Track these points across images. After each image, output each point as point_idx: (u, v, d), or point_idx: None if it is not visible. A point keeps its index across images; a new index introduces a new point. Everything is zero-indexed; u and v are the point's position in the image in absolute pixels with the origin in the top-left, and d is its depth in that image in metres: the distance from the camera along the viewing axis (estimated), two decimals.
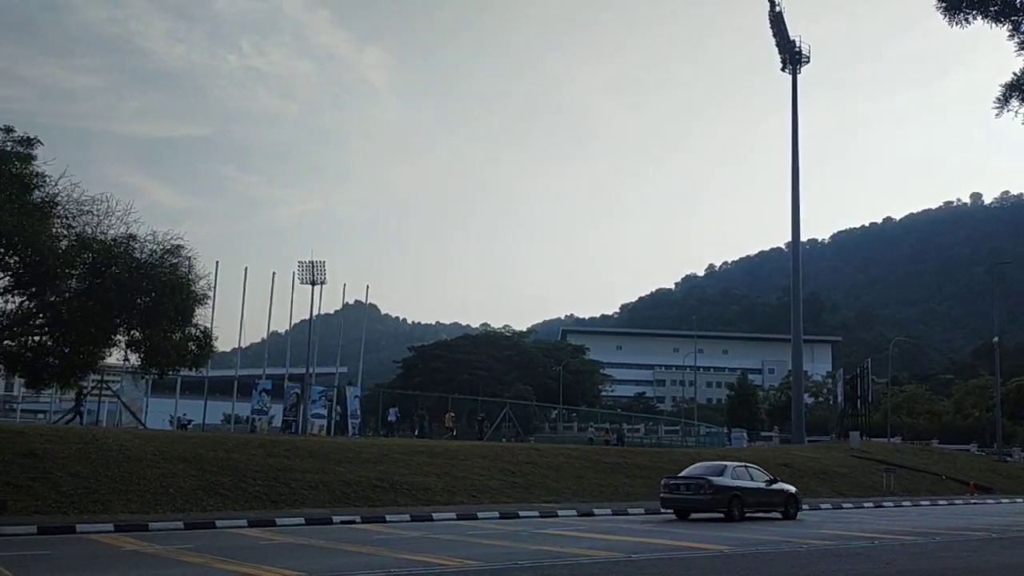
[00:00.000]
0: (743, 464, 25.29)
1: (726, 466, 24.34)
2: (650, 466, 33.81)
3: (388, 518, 20.86)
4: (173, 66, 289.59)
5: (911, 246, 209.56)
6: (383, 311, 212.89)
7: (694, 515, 23.19)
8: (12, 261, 18.40)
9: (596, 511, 24.72)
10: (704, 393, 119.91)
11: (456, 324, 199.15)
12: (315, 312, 47.04)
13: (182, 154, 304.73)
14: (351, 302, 69.25)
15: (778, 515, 24.19)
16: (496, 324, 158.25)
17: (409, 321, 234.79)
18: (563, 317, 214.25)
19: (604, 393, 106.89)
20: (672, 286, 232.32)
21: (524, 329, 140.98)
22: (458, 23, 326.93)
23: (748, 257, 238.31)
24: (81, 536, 16.52)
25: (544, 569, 12.10)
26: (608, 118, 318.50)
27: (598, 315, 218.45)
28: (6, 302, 20.12)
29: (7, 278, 19.13)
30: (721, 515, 22.76)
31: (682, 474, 24.27)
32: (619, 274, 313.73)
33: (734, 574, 12.16)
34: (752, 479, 24.23)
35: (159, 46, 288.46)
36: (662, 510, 23.89)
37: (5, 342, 20.74)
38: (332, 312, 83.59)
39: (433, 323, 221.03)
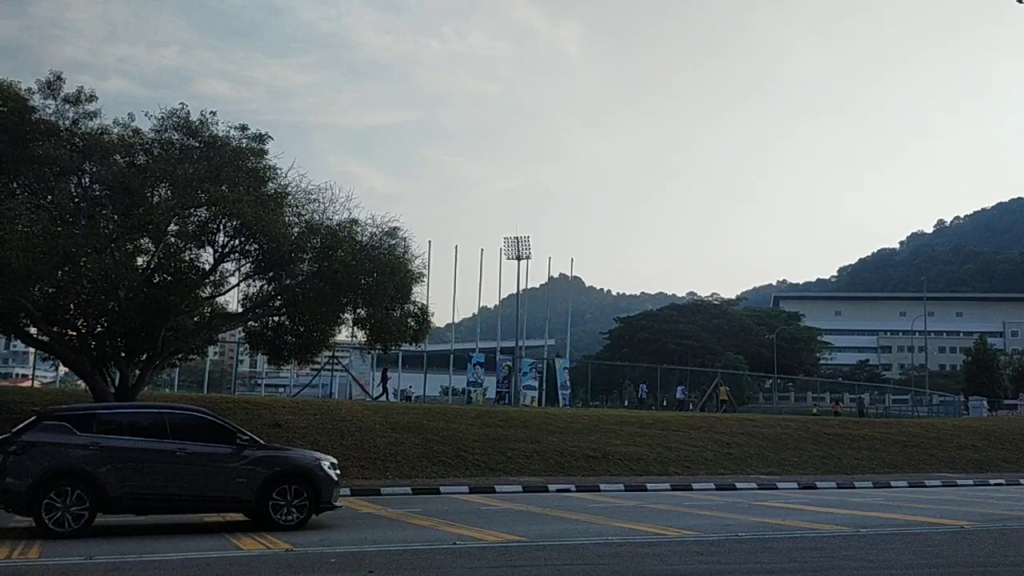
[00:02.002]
0: None
1: None
2: (877, 437, 31.88)
3: (602, 487, 21.03)
4: (381, 57, 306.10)
5: None
6: (587, 283, 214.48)
7: None
8: (252, 249, 20.11)
9: (819, 484, 23.65)
10: (936, 359, 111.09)
11: (661, 294, 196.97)
12: (522, 287, 48.23)
13: (392, 140, 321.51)
14: (556, 275, 70.04)
15: None
16: (703, 293, 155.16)
17: (614, 293, 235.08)
18: (774, 283, 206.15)
19: (823, 361, 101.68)
20: (896, 245, 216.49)
21: (733, 297, 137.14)
22: None
23: (984, 210, 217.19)
24: None
25: (765, 541, 11.72)
26: (801, 64, 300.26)
27: (813, 279, 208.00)
28: (248, 286, 22.12)
29: (248, 264, 20.97)
30: None
31: None
32: (835, 235, 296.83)
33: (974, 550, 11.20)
34: None
35: (368, 39, 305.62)
36: None
37: (249, 323, 22.85)
38: (538, 286, 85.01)
39: (638, 294, 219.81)
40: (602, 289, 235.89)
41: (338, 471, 13.71)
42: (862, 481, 24.74)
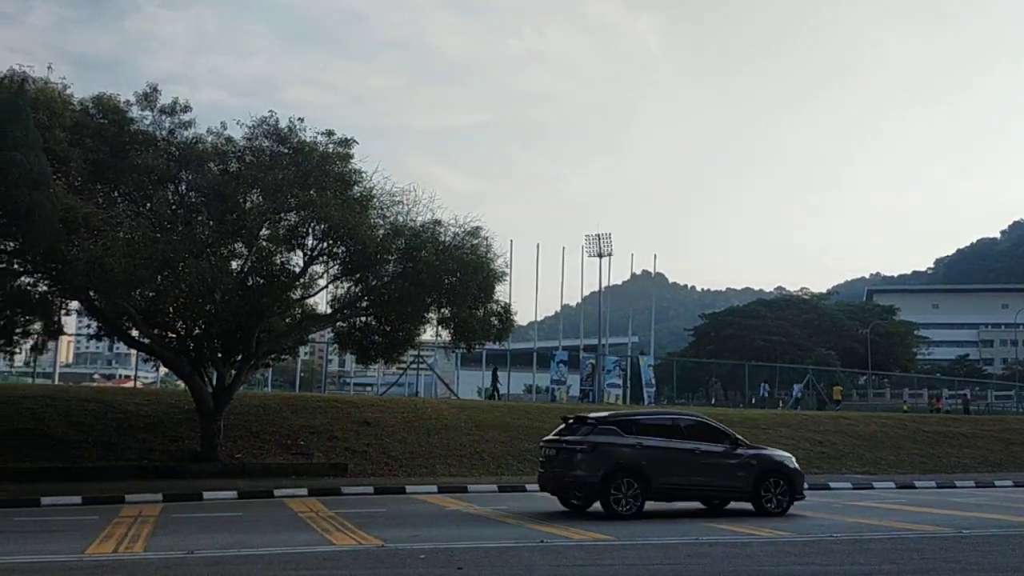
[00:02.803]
0: None
1: None
2: (979, 435, 30.61)
3: None
4: (459, 59, 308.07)
5: None
6: (671, 280, 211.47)
7: None
8: (340, 251, 20.57)
9: (917, 483, 22.83)
10: None
11: (748, 289, 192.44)
12: (604, 284, 47.93)
13: (472, 140, 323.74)
14: (638, 272, 69.55)
15: None
16: (791, 287, 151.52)
17: (698, 289, 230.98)
18: (867, 276, 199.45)
19: (920, 357, 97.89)
20: (997, 235, 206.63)
21: (824, 291, 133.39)
22: None
23: None
24: (410, 496, 18.25)
25: (861, 542, 11.39)
26: (894, 50, 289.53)
27: (908, 272, 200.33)
28: (336, 288, 22.63)
29: (336, 266, 21.46)
30: None
31: None
32: (931, 225, 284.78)
33: None
34: None
35: (446, 41, 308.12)
36: None
37: (338, 323, 23.38)
38: (620, 283, 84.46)
39: (723, 289, 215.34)
40: (686, 285, 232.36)
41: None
42: (964, 480, 23.81)
